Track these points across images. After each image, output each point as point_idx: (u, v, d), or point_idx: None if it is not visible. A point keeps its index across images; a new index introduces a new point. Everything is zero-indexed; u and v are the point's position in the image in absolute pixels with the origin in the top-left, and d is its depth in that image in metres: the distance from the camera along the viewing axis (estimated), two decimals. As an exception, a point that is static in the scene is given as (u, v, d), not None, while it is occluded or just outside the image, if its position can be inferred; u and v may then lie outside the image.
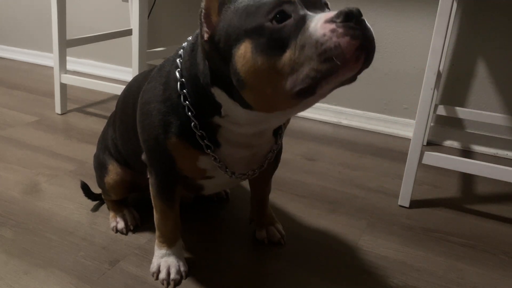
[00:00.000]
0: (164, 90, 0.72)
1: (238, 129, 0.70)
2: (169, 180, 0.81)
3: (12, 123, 1.60)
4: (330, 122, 1.76)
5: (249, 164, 0.79)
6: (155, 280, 0.85)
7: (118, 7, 2.17)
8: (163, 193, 0.82)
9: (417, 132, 1.08)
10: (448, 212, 1.14)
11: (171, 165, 0.76)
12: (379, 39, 1.60)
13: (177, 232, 0.87)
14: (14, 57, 2.59)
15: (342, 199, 1.18)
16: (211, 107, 0.69)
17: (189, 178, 0.81)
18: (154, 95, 0.74)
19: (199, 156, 0.74)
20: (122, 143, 0.93)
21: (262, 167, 0.81)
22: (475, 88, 1.51)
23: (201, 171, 0.78)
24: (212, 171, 0.78)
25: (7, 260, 0.89)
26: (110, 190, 0.98)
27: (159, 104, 0.72)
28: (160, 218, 0.85)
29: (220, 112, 0.68)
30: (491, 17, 1.42)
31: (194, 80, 0.68)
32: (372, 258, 0.94)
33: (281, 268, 0.90)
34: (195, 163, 0.75)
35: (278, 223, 1.00)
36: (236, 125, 0.70)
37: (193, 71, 0.68)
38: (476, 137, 1.54)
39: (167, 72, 0.73)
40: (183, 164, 0.76)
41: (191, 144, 0.72)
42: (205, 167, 0.76)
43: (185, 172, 0.78)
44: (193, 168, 0.77)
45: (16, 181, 1.20)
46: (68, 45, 1.68)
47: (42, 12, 2.41)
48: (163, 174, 0.80)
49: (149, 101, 0.74)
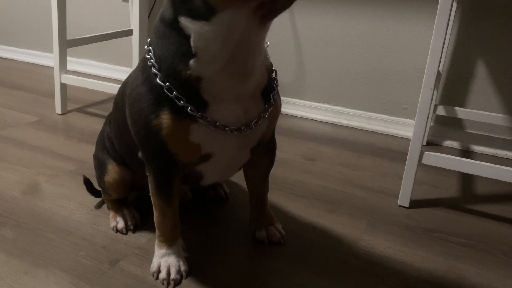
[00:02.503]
0: (142, 73, 0.74)
1: (216, 71, 0.68)
2: (166, 173, 0.79)
3: (13, 123, 1.60)
4: (330, 122, 1.76)
5: (243, 121, 0.76)
6: (155, 280, 0.85)
7: (118, 7, 2.17)
8: (161, 189, 0.81)
9: (417, 132, 1.08)
10: (448, 212, 1.14)
11: (166, 153, 0.75)
12: (379, 39, 1.61)
13: (176, 231, 0.87)
14: (14, 57, 2.59)
15: (342, 199, 1.18)
16: (182, 51, 0.68)
17: (187, 167, 0.80)
18: (135, 82, 0.75)
19: (190, 126, 0.72)
20: (117, 141, 0.93)
21: (257, 123, 0.77)
22: (474, 88, 1.51)
23: (196, 148, 0.75)
24: (207, 145, 0.75)
25: (7, 260, 0.89)
26: (110, 189, 0.98)
27: (140, 87, 0.74)
28: (159, 216, 0.85)
29: (191, 50, 0.67)
30: (491, 17, 1.43)
31: (162, 40, 0.70)
32: (372, 258, 0.94)
33: (281, 268, 0.90)
34: (188, 138, 0.73)
35: (278, 223, 1.00)
36: (212, 67, 0.68)
37: (160, 33, 0.70)
38: (476, 137, 1.54)
39: (143, 58, 0.75)
40: (176, 143, 0.74)
41: (178, 116, 0.71)
42: (198, 140, 0.74)
43: (181, 156, 0.76)
44: (187, 146, 0.74)
45: (17, 181, 1.20)
46: (68, 45, 1.68)
47: (42, 12, 2.42)
48: (160, 166, 0.79)
49: (133, 88, 0.76)
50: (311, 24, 1.71)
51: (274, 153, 0.93)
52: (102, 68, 2.30)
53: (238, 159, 0.84)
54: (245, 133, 0.77)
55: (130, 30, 1.94)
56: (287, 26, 1.75)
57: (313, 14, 1.69)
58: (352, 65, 1.68)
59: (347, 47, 1.67)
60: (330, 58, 1.71)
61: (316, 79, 1.76)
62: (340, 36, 1.67)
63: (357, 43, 1.65)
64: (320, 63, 1.74)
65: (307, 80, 1.78)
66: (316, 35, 1.71)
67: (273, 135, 0.91)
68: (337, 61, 1.71)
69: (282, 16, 1.74)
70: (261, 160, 0.92)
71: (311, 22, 1.71)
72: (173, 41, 0.68)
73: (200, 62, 0.68)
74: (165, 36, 0.70)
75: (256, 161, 0.92)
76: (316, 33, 1.71)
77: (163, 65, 0.71)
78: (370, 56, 1.64)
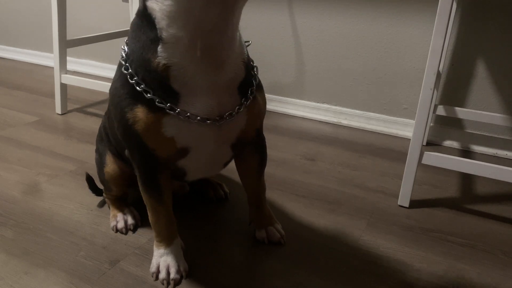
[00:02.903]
0: (119, 68, 0.75)
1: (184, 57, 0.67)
2: (150, 169, 0.79)
3: (13, 123, 1.60)
4: (330, 122, 1.76)
5: (215, 113, 0.74)
6: (154, 281, 0.85)
7: (118, 7, 2.17)
8: (148, 185, 0.81)
9: (417, 132, 1.08)
10: (448, 212, 1.14)
11: (144, 148, 0.75)
12: (379, 39, 1.61)
13: (172, 229, 0.87)
14: (14, 57, 2.59)
15: (342, 199, 1.18)
16: (150, 38, 0.68)
17: (167, 162, 0.79)
18: (114, 78, 0.77)
19: (162, 119, 0.71)
20: (112, 134, 0.94)
21: (231, 115, 0.75)
22: (474, 88, 1.51)
23: (170, 141, 0.74)
24: (182, 138, 0.74)
25: (7, 260, 0.89)
26: (110, 182, 0.98)
27: (117, 82, 0.75)
28: (152, 214, 0.85)
29: (157, 34, 0.67)
30: (491, 17, 1.43)
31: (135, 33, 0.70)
32: (372, 258, 0.94)
33: (281, 268, 0.90)
34: (161, 131, 0.72)
35: (278, 223, 1.00)
36: (179, 51, 0.67)
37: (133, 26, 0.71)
38: (476, 137, 1.54)
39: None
40: (150, 137, 0.73)
41: (150, 109, 0.71)
42: (172, 133, 0.73)
43: (158, 150, 0.75)
44: (161, 140, 0.73)
45: (17, 181, 1.20)
46: (68, 45, 1.68)
47: (42, 12, 2.42)
48: (142, 162, 0.78)
49: (111, 84, 0.77)
50: (311, 24, 1.71)
51: (263, 153, 0.93)
52: (102, 68, 2.30)
53: (218, 155, 0.82)
54: (219, 124, 0.75)
55: (130, 30, 1.93)
56: (287, 26, 1.75)
57: (313, 14, 1.69)
58: (352, 65, 1.68)
59: (347, 47, 1.67)
60: (330, 58, 1.71)
61: (316, 79, 1.76)
62: (340, 36, 1.67)
63: (357, 43, 1.65)
64: (320, 63, 1.74)
65: (307, 80, 1.78)
66: (316, 35, 1.71)
67: (259, 135, 0.89)
68: (337, 61, 1.71)
69: (282, 16, 1.74)
70: (250, 160, 0.92)
71: (311, 22, 1.71)
72: (143, 31, 0.69)
73: (166, 47, 0.67)
74: (137, 27, 0.70)
75: (245, 161, 0.92)
76: (316, 33, 1.71)
77: (134, 57, 0.71)
78: (370, 56, 1.64)
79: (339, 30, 1.66)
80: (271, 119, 1.76)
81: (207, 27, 0.65)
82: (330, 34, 1.68)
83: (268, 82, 1.86)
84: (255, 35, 1.82)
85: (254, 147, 0.90)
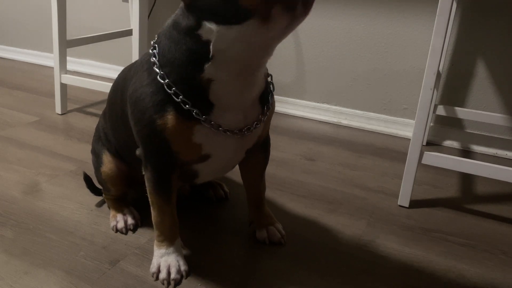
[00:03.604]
0: (149, 74, 0.75)
1: (229, 74, 0.71)
2: (165, 170, 0.81)
3: (13, 123, 1.60)
4: (330, 122, 1.76)
5: (242, 125, 0.79)
6: (155, 281, 0.85)
7: (118, 7, 2.17)
8: (159, 186, 0.82)
9: (417, 132, 1.08)
10: (448, 212, 1.14)
11: (167, 151, 0.77)
12: (379, 39, 1.61)
13: (175, 230, 0.87)
14: (14, 57, 2.59)
15: (342, 199, 1.18)
16: (197, 55, 0.70)
17: (184, 165, 0.82)
18: (140, 82, 0.76)
19: (194, 127, 0.75)
20: (114, 136, 0.95)
21: (257, 125, 0.80)
22: (474, 88, 1.51)
23: (197, 147, 0.77)
24: (208, 146, 0.78)
25: (7, 260, 0.89)
26: (108, 181, 0.99)
27: (146, 87, 0.75)
28: (158, 215, 0.85)
29: (209, 55, 0.69)
30: (491, 17, 1.43)
31: (175, 45, 0.71)
32: (372, 258, 0.94)
33: (281, 268, 0.90)
34: (191, 138, 0.76)
35: (278, 223, 1.00)
36: (226, 69, 0.70)
37: (173, 38, 0.72)
38: (476, 137, 1.54)
39: (148, 59, 0.77)
40: (179, 143, 0.76)
41: (183, 117, 0.74)
42: (201, 141, 0.76)
43: (182, 154, 0.78)
44: (189, 145, 0.77)
45: (16, 181, 1.20)
46: (68, 45, 1.68)
47: (42, 12, 2.42)
48: (158, 164, 0.80)
49: (136, 88, 0.77)
50: (311, 24, 1.71)
51: (268, 151, 0.95)
52: (102, 68, 2.30)
53: (233, 160, 0.87)
54: (245, 135, 0.80)
55: (130, 30, 1.94)
56: (287, 26, 1.75)
57: (313, 14, 1.69)
58: (352, 65, 1.68)
59: (347, 47, 1.67)
60: (330, 58, 1.71)
61: (316, 79, 1.76)
62: (340, 36, 1.67)
63: (357, 43, 1.65)
64: (320, 63, 1.74)
65: (307, 80, 1.78)
66: (316, 35, 1.71)
67: (267, 134, 0.93)
68: (337, 61, 1.71)
69: (282, 16, 1.74)
70: (256, 159, 0.94)
71: (311, 22, 1.71)
72: (187, 47, 0.70)
73: (215, 65, 0.70)
74: (178, 41, 0.71)
75: (251, 160, 0.94)
76: (316, 33, 1.71)
77: (174, 69, 0.72)
78: (370, 56, 1.64)
79: (339, 30, 1.66)
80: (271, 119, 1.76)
81: (260, 52, 0.69)
82: (330, 34, 1.69)
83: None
84: (255, 35, 1.82)
85: (260, 147, 0.92)
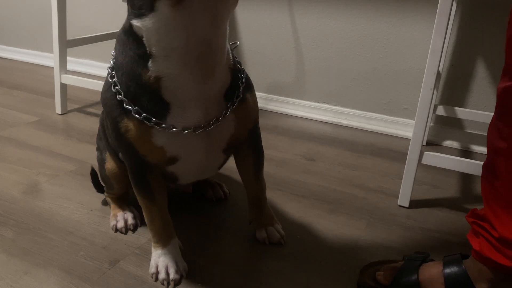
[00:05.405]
0: (111, 78, 0.77)
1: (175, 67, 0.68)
2: (141, 172, 0.81)
3: (13, 123, 1.60)
4: (330, 122, 1.76)
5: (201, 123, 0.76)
6: (154, 281, 0.85)
7: (118, 7, 2.17)
8: (139, 186, 0.83)
9: (417, 132, 1.08)
10: (448, 212, 1.14)
11: (136, 153, 0.77)
12: (379, 39, 1.61)
13: (169, 230, 0.87)
14: (14, 57, 2.59)
15: (342, 199, 1.18)
16: (139, 54, 0.69)
17: (157, 167, 0.81)
18: (104, 86, 0.79)
19: (151, 130, 0.74)
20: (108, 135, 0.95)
21: (217, 121, 0.76)
22: (474, 88, 1.51)
23: (160, 150, 0.76)
24: (171, 148, 0.76)
25: (7, 260, 0.89)
26: (111, 178, 0.98)
27: (107, 92, 0.77)
28: (147, 215, 0.86)
29: (147, 51, 0.68)
30: (491, 17, 1.43)
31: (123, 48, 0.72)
32: (372, 258, 0.94)
33: (281, 268, 0.90)
34: (151, 141, 0.75)
35: (278, 223, 1.00)
36: (170, 62, 0.68)
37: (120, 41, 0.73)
38: (476, 137, 1.54)
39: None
40: (141, 145, 0.76)
41: (139, 121, 0.73)
42: (161, 143, 0.75)
43: (148, 157, 0.77)
44: (152, 148, 0.76)
45: (17, 181, 1.20)
46: (68, 45, 1.68)
47: (42, 12, 2.42)
48: (134, 166, 0.81)
49: (102, 92, 0.80)
50: (311, 24, 1.71)
51: (258, 153, 0.93)
52: (102, 68, 2.30)
53: (210, 161, 0.84)
54: (207, 132, 0.76)
55: (130, 30, 1.93)
56: (287, 26, 1.75)
57: (313, 14, 1.69)
58: (352, 65, 1.68)
59: (347, 47, 1.67)
60: (330, 58, 1.71)
61: (316, 79, 1.76)
62: (340, 36, 1.67)
63: (357, 43, 1.65)
64: (320, 63, 1.74)
65: (307, 80, 1.78)
66: (316, 35, 1.71)
67: (253, 135, 0.89)
68: (337, 61, 1.71)
69: (282, 16, 1.74)
70: (246, 161, 0.92)
71: (311, 22, 1.71)
72: (130, 47, 0.71)
73: (157, 61, 0.69)
74: (123, 43, 0.72)
75: (243, 161, 0.93)
76: (316, 33, 1.71)
77: (124, 72, 0.73)
78: (370, 56, 1.64)
79: (339, 30, 1.66)
80: (271, 119, 1.76)
81: (198, 38, 0.66)
82: (330, 34, 1.69)
83: (268, 82, 1.86)
84: (255, 35, 1.82)
85: (247, 149, 0.90)
